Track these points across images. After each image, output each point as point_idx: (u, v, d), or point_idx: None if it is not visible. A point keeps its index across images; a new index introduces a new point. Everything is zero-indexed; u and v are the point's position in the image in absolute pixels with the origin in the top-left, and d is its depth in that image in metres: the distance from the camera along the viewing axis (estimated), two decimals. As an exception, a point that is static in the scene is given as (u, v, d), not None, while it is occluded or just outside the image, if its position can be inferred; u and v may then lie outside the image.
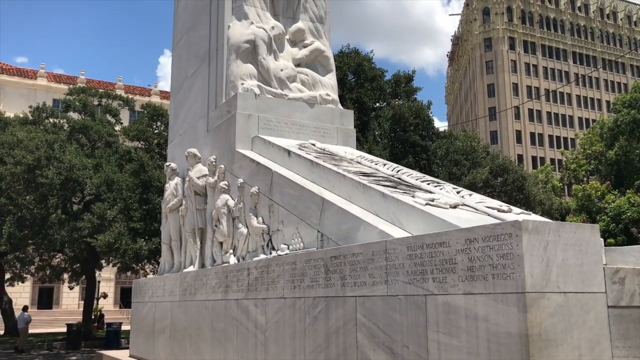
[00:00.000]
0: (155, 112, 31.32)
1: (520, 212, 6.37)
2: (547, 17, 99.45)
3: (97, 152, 30.60)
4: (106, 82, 66.72)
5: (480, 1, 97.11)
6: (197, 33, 13.27)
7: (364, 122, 28.17)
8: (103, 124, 32.73)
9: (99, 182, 26.59)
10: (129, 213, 25.30)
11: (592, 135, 50.11)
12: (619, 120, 44.16)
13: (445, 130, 32.90)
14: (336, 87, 12.45)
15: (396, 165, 8.88)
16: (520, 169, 33.42)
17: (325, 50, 12.38)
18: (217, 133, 11.43)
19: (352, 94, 28.43)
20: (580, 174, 49.21)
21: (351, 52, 30.56)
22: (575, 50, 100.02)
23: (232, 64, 11.30)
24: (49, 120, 32.90)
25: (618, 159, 44.51)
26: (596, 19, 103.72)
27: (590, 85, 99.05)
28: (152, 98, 63.66)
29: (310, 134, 11.15)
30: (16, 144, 26.28)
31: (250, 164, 9.93)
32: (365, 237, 6.55)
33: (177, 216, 12.53)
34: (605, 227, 38.17)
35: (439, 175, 25.56)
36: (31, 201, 26.67)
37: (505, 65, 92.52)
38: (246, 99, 10.77)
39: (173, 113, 14.94)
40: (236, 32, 11.43)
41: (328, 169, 8.31)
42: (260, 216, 9.37)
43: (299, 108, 11.30)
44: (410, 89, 31.25)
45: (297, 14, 12.40)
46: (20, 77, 63.64)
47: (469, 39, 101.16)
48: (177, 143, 14.13)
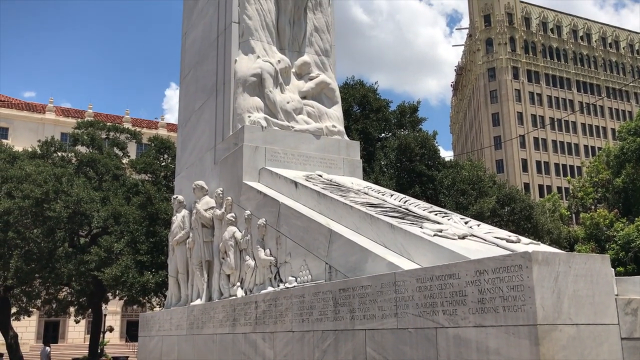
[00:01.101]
0: (162, 144, 31.54)
1: (529, 242, 6.33)
2: (550, 46, 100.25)
3: (104, 185, 30.74)
4: (114, 116, 67.41)
5: (483, 32, 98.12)
6: (204, 67, 13.45)
7: (370, 153, 28.28)
8: (110, 157, 32.96)
9: (106, 215, 26.65)
10: (135, 246, 25.29)
11: (598, 163, 49.99)
12: (625, 147, 44.09)
13: (451, 160, 32.94)
14: (342, 118, 12.53)
15: (403, 195, 8.88)
16: (527, 197, 33.31)
17: (330, 83, 12.51)
18: (224, 165, 11.49)
19: (357, 125, 28.61)
20: (588, 202, 48.94)
21: (356, 84, 30.86)
22: (579, 79, 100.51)
23: (239, 97, 11.42)
24: (57, 154, 33.16)
25: (625, 187, 44.30)
26: (599, 48, 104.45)
27: (595, 113, 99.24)
28: (159, 130, 64.20)
29: (317, 165, 11.20)
30: (24, 178, 26.45)
31: (257, 195, 9.95)
32: (374, 269, 6.51)
33: (184, 249, 12.51)
34: (614, 255, 37.77)
35: (446, 205, 25.50)
36: (39, 235, 26.72)
37: (509, 95, 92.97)
38: (253, 131, 10.85)
39: (180, 146, 15.05)
40: (243, 66, 11.58)
41: (335, 200, 8.32)
42: (267, 248, 9.35)
43: (306, 140, 11.36)
44: (415, 119, 31.43)
45: (302, 48, 12.57)
46: (29, 112, 64.40)
47: (473, 69, 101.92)
48: (184, 175, 14.19)
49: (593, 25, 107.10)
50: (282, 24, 12.34)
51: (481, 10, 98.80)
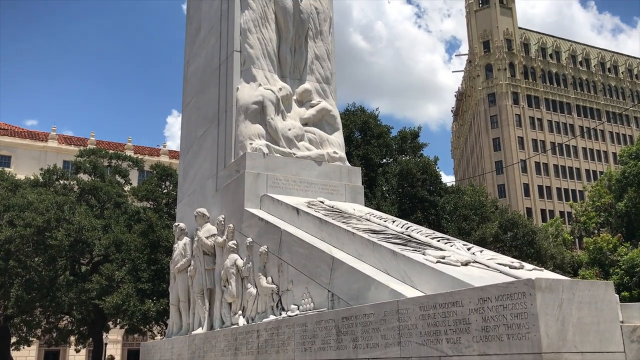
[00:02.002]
0: (164, 172, 31.62)
1: (533, 269, 6.30)
2: (549, 71, 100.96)
3: (106, 213, 30.74)
4: (116, 143, 67.65)
5: (483, 58, 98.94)
6: (206, 95, 13.55)
7: (372, 178, 28.30)
8: (112, 185, 33.02)
9: (107, 243, 26.60)
10: (137, 274, 25.18)
11: (600, 188, 49.94)
12: (626, 171, 44.08)
13: (453, 185, 32.94)
14: (343, 144, 12.58)
15: (405, 222, 8.86)
16: (529, 223, 33.21)
17: (331, 110, 12.58)
18: (226, 192, 11.49)
19: (359, 151, 28.69)
20: (591, 227, 48.75)
21: (357, 110, 31.04)
22: (579, 104, 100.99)
23: (241, 125, 11.48)
24: (59, 182, 33.24)
25: (628, 211, 44.17)
26: (598, 73, 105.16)
27: (596, 137, 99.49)
28: (161, 158, 64.36)
29: (319, 191, 11.20)
30: (26, 206, 26.48)
31: (259, 222, 9.93)
32: (377, 297, 6.47)
33: (185, 277, 12.45)
34: (619, 280, 37.50)
35: (448, 230, 25.42)
36: (40, 263, 26.64)
37: (509, 120, 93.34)
38: (255, 158, 10.88)
39: (182, 173, 15.08)
40: (245, 94, 11.66)
41: (337, 227, 8.30)
42: (269, 276, 9.30)
43: (307, 166, 11.39)
44: (416, 145, 31.52)
45: (303, 76, 12.68)
46: (31, 140, 64.68)
47: (473, 95, 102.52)
48: (186, 203, 14.19)
49: (591, 51, 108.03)
50: (283, 53, 12.47)
51: (480, 36, 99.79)
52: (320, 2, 13.06)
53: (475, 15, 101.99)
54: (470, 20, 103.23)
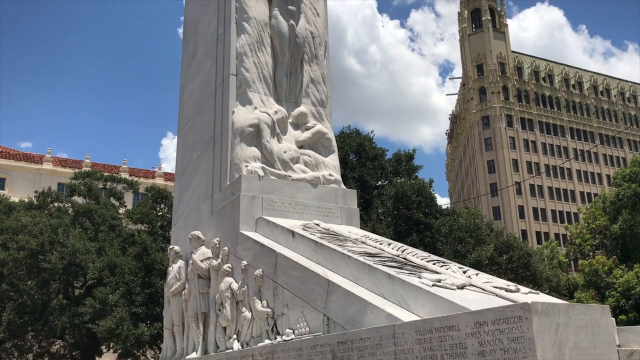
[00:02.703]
0: (159, 194, 31.57)
1: (529, 292, 6.29)
2: (543, 94, 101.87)
3: (100, 236, 30.59)
4: (111, 165, 67.58)
5: (477, 81, 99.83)
6: (202, 118, 13.59)
7: (367, 201, 28.32)
8: (107, 208, 32.92)
9: (101, 266, 26.43)
10: (131, 297, 24.98)
11: (595, 210, 50.06)
12: (620, 194, 44.27)
13: (448, 208, 32.98)
14: (338, 167, 12.61)
15: (401, 244, 8.85)
16: (525, 245, 33.21)
17: (327, 132, 12.63)
18: (221, 215, 11.47)
19: (354, 173, 28.75)
20: (586, 249, 48.75)
21: (352, 133, 31.18)
22: (572, 126, 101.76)
23: (237, 147, 11.50)
24: (53, 205, 33.13)
25: (623, 233, 44.24)
26: (590, 96, 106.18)
27: (590, 160, 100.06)
28: (156, 180, 64.30)
29: (314, 214, 11.19)
30: (20, 229, 26.35)
31: (254, 245, 9.90)
32: (373, 321, 6.43)
33: (179, 300, 12.34)
34: (615, 303, 37.42)
35: (444, 253, 25.39)
36: (33, 286, 26.41)
37: (504, 142, 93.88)
38: (250, 180, 10.89)
39: (177, 196, 15.05)
40: (240, 117, 11.71)
41: (333, 250, 8.28)
42: (264, 299, 9.24)
43: (303, 188, 11.39)
44: (411, 167, 31.63)
45: (299, 99, 12.75)
46: (26, 162, 64.58)
47: (467, 117, 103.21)
48: (180, 225, 14.14)
49: (584, 74, 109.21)
50: (279, 76, 12.56)
51: (474, 60, 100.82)
52: (315, 26, 13.19)
53: (468, 39, 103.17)
54: (464, 44, 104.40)
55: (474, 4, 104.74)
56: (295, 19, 12.76)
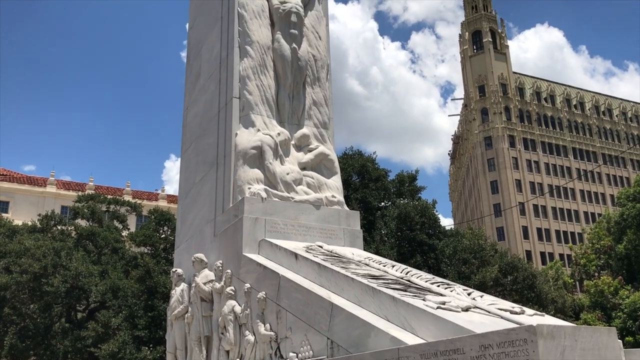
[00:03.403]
0: (162, 216, 31.57)
1: (534, 314, 6.23)
2: (545, 115, 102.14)
3: (103, 259, 30.54)
4: (114, 188, 67.68)
5: (479, 102, 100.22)
6: (205, 141, 13.64)
7: (370, 222, 28.25)
8: (110, 231, 32.91)
9: (104, 289, 26.33)
10: (133, 320, 24.83)
11: (599, 230, 49.81)
12: (624, 214, 44.07)
13: (452, 229, 32.88)
14: (341, 188, 12.60)
15: (405, 266, 8.80)
16: (529, 266, 33.03)
17: (329, 154, 12.66)
18: (224, 237, 11.44)
19: (357, 194, 28.73)
20: (591, 269, 48.41)
21: (355, 154, 31.24)
22: (575, 146, 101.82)
23: (240, 169, 11.52)
24: (56, 228, 33.12)
25: (628, 253, 43.95)
26: (592, 116, 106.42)
27: (593, 179, 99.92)
28: (159, 202, 64.32)
29: (317, 235, 11.15)
30: (23, 253, 26.32)
31: (257, 268, 9.86)
32: (377, 344, 6.37)
33: (182, 324, 12.26)
34: (622, 324, 37.03)
35: (448, 274, 25.25)
36: (35, 310, 26.30)
37: (506, 162, 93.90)
38: (253, 202, 10.88)
39: (180, 218, 15.04)
40: (243, 139, 11.75)
41: (336, 272, 8.23)
42: (267, 323, 9.17)
43: (306, 210, 11.37)
44: (414, 188, 31.61)
45: (302, 121, 12.80)
46: (30, 185, 64.74)
47: (469, 138, 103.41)
48: (183, 248, 14.11)
49: (586, 94, 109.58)
50: (281, 99, 12.63)
51: (475, 81, 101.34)
52: (317, 50, 13.30)
53: (470, 60, 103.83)
54: (465, 66, 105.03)
55: (475, 26, 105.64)
56: (297, 42, 12.87)
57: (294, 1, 13.07)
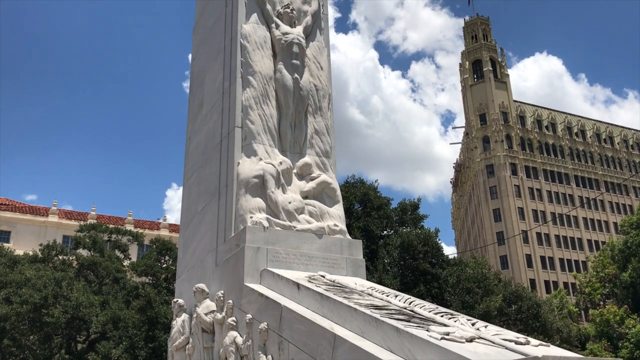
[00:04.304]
0: (163, 246, 31.49)
1: (539, 344, 6.16)
2: (546, 142, 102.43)
3: (104, 289, 30.37)
4: (116, 217, 67.61)
5: (480, 130, 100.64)
6: (207, 170, 13.67)
7: (373, 251, 28.12)
8: (112, 260, 32.80)
9: (105, 320, 26.12)
10: (134, 352, 24.58)
11: (603, 258, 49.50)
12: (628, 241, 43.86)
13: (455, 257, 32.70)
14: (343, 217, 12.56)
15: (408, 296, 8.72)
16: (534, 295, 32.77)
17: (331, 182, 12.66)
18: (226, 267, 11.37)
19: (359, 223, 28.66)
20: (596, 298, 47.98)
21: (356, 182, 31.26)
22: (577, 174, 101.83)
23: (242, 199, 11.51)
24: (58, 258, 33.02)
25: (633, 282, 43.57)
26: (594, 144, 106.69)
27: (596, 207, 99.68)
28: (161, 231, 64.16)
29: (320, 265, 11.08)
30: (24, 283, 26.20)
31: (259, 298, 9.77)
32: (380, 376, 6.27)
33: (183, 355, 12.12)
34: (629, 354, 36.54)
35: (452, 304, 25.02)
36: (35, 341, 26.04)
37: (509, 190, 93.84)
38: (255, 232, 10.84)
39: (182, 248, 14.98)
40: (245, 168, 11.77)
41: (339, 303, 8.16)
42: (269, 354, 9.05)
43: (308, 239, 11.33)
44: (416, 216, 31.54)
45: (304, 150, 12.84)
46: (32, 215, 64.69)
47: (471, 166, 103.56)
48: (185, 278, 14.01)
49: (586, 122, 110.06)
50: (283, 128, 12.69)
51: (476, 109, 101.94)
52: (319, 79, 13.41)
53: (470, 89, 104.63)
54: (466, 94, 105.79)
55: (475, 55, 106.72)
56: (299, 72, 12.99)
57: (296, 32, 13.24)
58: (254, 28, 12.99)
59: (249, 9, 13.15)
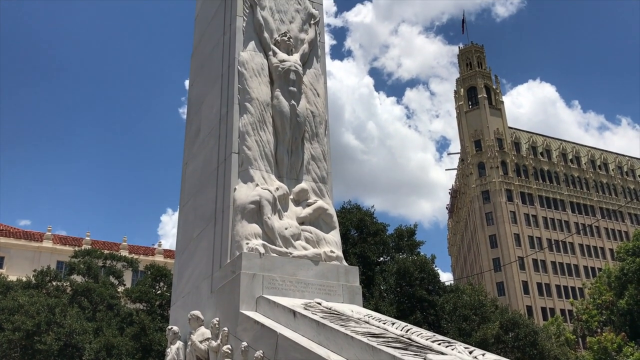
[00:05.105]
0: (158, 272, 31.29)
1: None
2: (541, 169, 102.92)
3: (98, 315, 30.07)
4: (111, 243, 67.25)
5: (475, 156, 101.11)
6: (203, 196, 13.65)
7: (369, 277, 28.00)
8: (106, 286, 32.55)
9: (98, 347, 25.80)
10: (127, 379, 24.23)
11: (600, 285, 49.37)
12: (625, 268, 43.80)
13: (452, 284, 32.56)
14: (340, 243, 12.53)
15: (405, 324, 8.66)
16: (531, 322, 32.55)
17: (328, 209, 12.65)
18: (221, 294, 11.29)
19: (355, 249, 28.58)
20: (593, 325, 47.71)
21: (353, 208, 31.26)
22: (573, 200, 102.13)
23: (238, 225, 11.48)
24: (52, 284, 32.75)
25: (630, 309, 43.41)
26: (589, 170, 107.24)
27: (592, 233, 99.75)
28: (155, 257, 63.82)
29: (316, 292, 11.02)
30: (17, 309, 25.92)
31: (255, 326, 9.68)
32: (378, 405, 6.19)
33: (178, 383, 11.96)
34: (627, 382, 36.21)
35: (449, 331, 24.83)
36: (26, 369, 25.66)
37: (505, 217, 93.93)
38: (251, 258, 10.79)
39: (177, 274, 14.87)
40: (242, 194, 11.76)
41: (335, 330, 8.09)
42: (265, 382, 8.94)
43: (304, 266, 11.27)
44: (413, 242, 31.49)
45: (300, 175, 12.85)
46: (26, 240, 64.30)
47: (467, 192, 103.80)
48: (179, 305, 13.89)
49: (581, 149, 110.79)
50: (280, 154, 12.72)
51: (471, 136, 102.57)
52: (316, 106, 13.49)
53: (465, 115, 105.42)
54: (461, 121, 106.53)
55: (470, 82, 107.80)
56: (296, 99, 13.07)
57: (293, 60, 13.36)
58: (252, 55, 13.10)
59: (246, 37, 13.28)
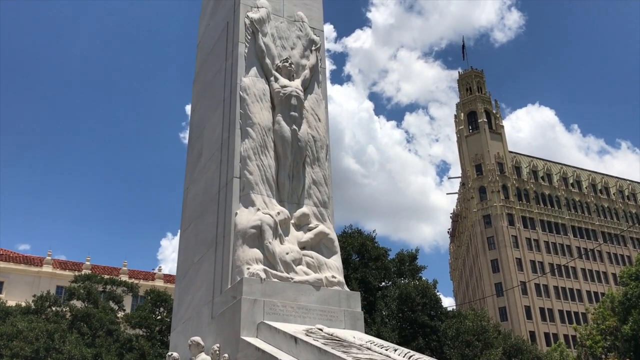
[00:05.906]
0: (158, 297, 31.10)
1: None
2: (542, 193, 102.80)
3: (97, 341, 29.78)
4: (111, 268, 66.88)
5: (476, 181, 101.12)
6: (204, 220, 13.62)
7: (371, 303, 27.79)
8: (106, 312, 32.30)
9: (97, 374, 25.51)
10: (126, 407, 23.91)
11: (603, 310, 48.95)
12: (628, 293, 43.44)
13: (454, 309, 32.32)
14: (341, 268, 12.46)
15: (408, 350, 8.58)
16: (534, 348, 32.24)
17: (329, 233, 12.61)
18: (222, 320, 11.19)
19: (357, 274, 28.43)
20: (597, 351, 47.18)
21: (354, 232, 31.19)
22: (574, 225, 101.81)
23: (239, 249, 11.44)
24: (51, 309, 32.51)
25: (634, 334, 42.94)
26: (590, 194, 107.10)
27: (594, 258, 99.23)
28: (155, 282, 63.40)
29: (317, 317, 10.93)
30: (16, 335, 25.69)
31: (256, 352, 9.59)
32: None
33: (177, 411, 11.79)
34: (633, 409, 35.68)
35: (451, 358, 24.58)
36: (24, 396, 25.34)
37: (506, 241, 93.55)
38: (252, 283, 10.72)
39: (177, 299, 14.77)
40: (243, 219, 11.74)
41: (337, 357, 8.01)
42: (266, 410, 8.82)
43: (305, 291, 11.20)
44: (414, 267, 31.35)
45: (301, 200, 12.84)
46: (26, 265, 63.97)
47: (468, 216, 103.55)
48: (180, 331, 13.76)
49: (582, 173, 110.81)
50: (281, 178, 12.73)
51: (472, 160, 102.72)
52: (317, 131, 13.55)
53: (466, 140, 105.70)
54: (462, 145, 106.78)
55: (470, 107, 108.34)
56: (297, 124, 13.14)
57: (294, 85, 13.45)
58: (253, 81, 13.20)
59: (248, 63, 13.40)
